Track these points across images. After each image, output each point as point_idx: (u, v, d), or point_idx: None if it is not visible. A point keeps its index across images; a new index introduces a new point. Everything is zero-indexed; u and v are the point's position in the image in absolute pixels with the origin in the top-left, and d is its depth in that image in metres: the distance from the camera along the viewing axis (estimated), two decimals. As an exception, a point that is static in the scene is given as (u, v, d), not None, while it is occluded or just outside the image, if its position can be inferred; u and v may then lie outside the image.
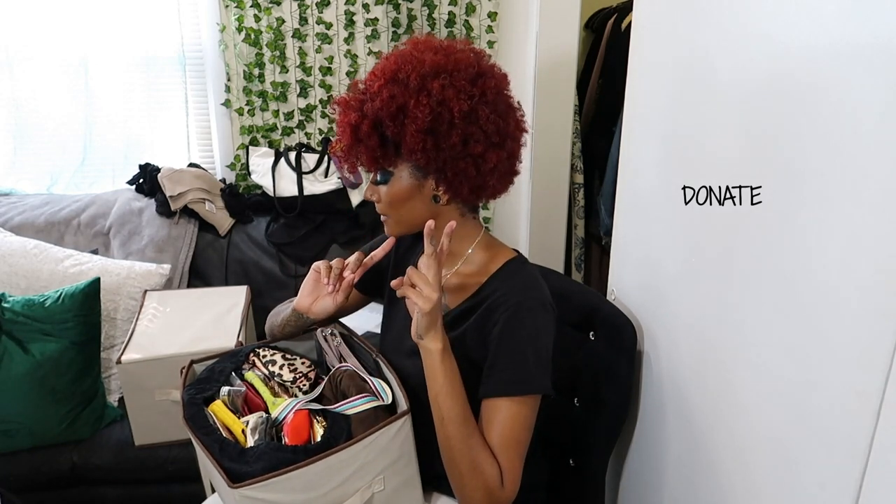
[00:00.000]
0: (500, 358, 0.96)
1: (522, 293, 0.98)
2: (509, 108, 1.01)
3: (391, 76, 0.95)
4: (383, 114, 0.94)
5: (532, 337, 0.96)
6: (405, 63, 0.95)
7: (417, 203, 1.02)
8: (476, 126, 0.95)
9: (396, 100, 0.93)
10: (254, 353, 1.12)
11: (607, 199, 2.09)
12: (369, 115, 0.96)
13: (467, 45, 1.01)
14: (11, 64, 2.16)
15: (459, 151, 0.95)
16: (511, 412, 0.95)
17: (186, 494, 1.66)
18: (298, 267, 2.13)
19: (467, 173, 0.97)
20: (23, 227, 2.04)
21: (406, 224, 1.05)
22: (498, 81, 0.99)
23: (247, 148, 2.33)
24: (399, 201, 1.02)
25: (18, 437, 1.61)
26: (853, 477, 0.66)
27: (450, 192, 1.00)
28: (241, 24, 2.24)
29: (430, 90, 0.93)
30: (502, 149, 0.99)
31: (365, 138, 0.98)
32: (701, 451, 0.98)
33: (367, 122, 0.96)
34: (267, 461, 0.87)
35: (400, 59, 0.96)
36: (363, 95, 0.98)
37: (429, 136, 0.93)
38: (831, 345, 0.69)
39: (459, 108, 0.93)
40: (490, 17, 2.38)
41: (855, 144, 0.64)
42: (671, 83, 1.04)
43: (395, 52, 1.00)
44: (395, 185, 1.01)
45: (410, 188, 1.00)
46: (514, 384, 0.95)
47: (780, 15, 0.76)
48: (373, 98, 0.96)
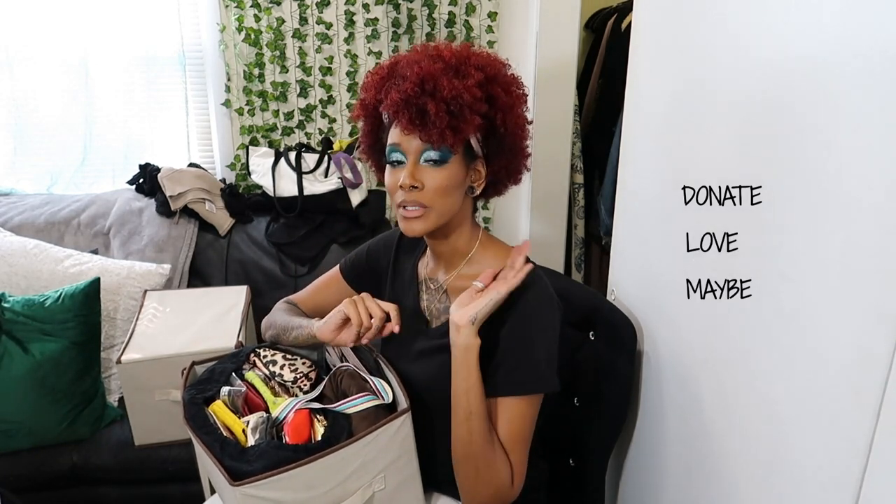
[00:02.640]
0: (510, 357, 0.96)
1: (530, 292, 0.98)
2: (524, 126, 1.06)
3: (485, 77, 0.95)
4: (470, 95, 0.92)
5: (540, 335, 0.97)
6: (485, 67, 0.97)
7: (458, 193, 1.00)
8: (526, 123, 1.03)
9: (485, 88, 0.95)
10: (254, 352, 1.12)
11: (607, 199, 2.09)
12: (449, 95, 0.92)
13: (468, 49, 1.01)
14: (11, 64, 2.16)
15: (516, 139, 1.02)
16: (520, 410, 0.96)
17: (186, 494, 1.66)
18: (298, 267, 2.13)
19: (514, 161, 1.04)
20: (23, 227, 2.04)
21: (445, 216, 1.00)
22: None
23: (247, 148, 2.33)
24: (450, 188, 0.97)
25: (18, 437, 1.61)
26: (853, 477, 0.66)
27: (493, 177, 1.04)
28: (241, 24, 2.24)
29: (521, 97, 1.01)
30: (528, 137, 1.07)
31: (435, 117, 0.92)
32: (701, 451, 0.98)
33: (442, 104, 0.92)
34: (268, 459, 0.88)
35: (461, 52, 0.97)
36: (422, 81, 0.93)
37: (504, 122, 0.97)
38: (831, 345, 0.69)
39: (521, 108, 1.01)
40: (490, 17, 2.38)
41: (855, 144, 0.65)
42: (671, 83, 1.04)
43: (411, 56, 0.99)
44: (451, 168, 0.97)
45: (460, 177, 0.98)
46: (526, 383, 0.96)
47: (780, 14, 0.76)
48: (457, 80, 0.93)
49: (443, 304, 1.08)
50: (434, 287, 1.10)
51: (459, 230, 1.05)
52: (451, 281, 1.07)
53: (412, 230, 0.99)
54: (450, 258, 1.07)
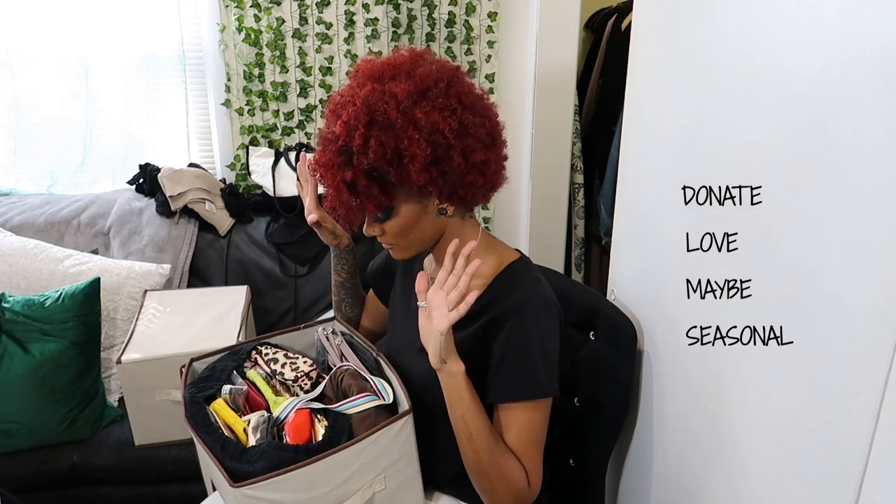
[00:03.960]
0: (508, 363, 0.97)
1: (526, 298, 0.98)
2: (481, 100, 0.98)
3: (368, 120, 0.90)
4: (380, 162, 0.90)
5: (538, 341, 0.97)
6: (376, 100, 0.90)
7: (425, 223, 1.00)
8: (469, 137, 0.93)
9: (388, 144, 0.89)
10: (255, 350, 1.12)
11: (607, 199, 2.09)
12: (364, 167, 0.91)
13: (412, 53, 0.97)
14: (11, 64, 2.15)
15: (464, 167, 0.93)
16: (526, 415, 0.96)
17: (186, 494, 1.66)
18: (298, 267, 2.13)
19: (476, 184, 0.96)
20: (23, 227, 2.04)
21: (417, 246, 1.03)
22: (462, 79, 0.96)
23: (247, 148, 2.33)
24: (407, 230, 0.99)
25: (18, 437, 1.61)
26: (853, 477, 0.66)
27: (461, 204, 0.98)
28: (241, 24, 2.24)
29: (417, 121, 0.89)
30: (496, 144, 0.98)
31: (365, 190, 0.93)
32: (701, 451, 0.98)
33: (363, 175, 0.92)
34: (268, 460, 0.88)
35: (369, 97, 0.91)
36: (344, 147, 0.92)
37: (433, 166, 0.91)
38: (831, 345, 0.69)
39: (450, 128, 0.90)
40: (490, 17, 2.38)
41: (856, 144, 0.65)
42: (671, 83, 1.04)
43: (352, 90, 0.94)
44: (400, 216, 0.98)
45: (416, 213, 0.98)
46: (524, 389, 0.96)
47: (779, 13, 0.76)
48: (361, 150, 0.90)
49: None
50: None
51: (452, 238, 1.03)
52: None
53: (398, 258, 1.06)
54: None
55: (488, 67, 2.44)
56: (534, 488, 0.97)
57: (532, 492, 0.97)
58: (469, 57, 2.42)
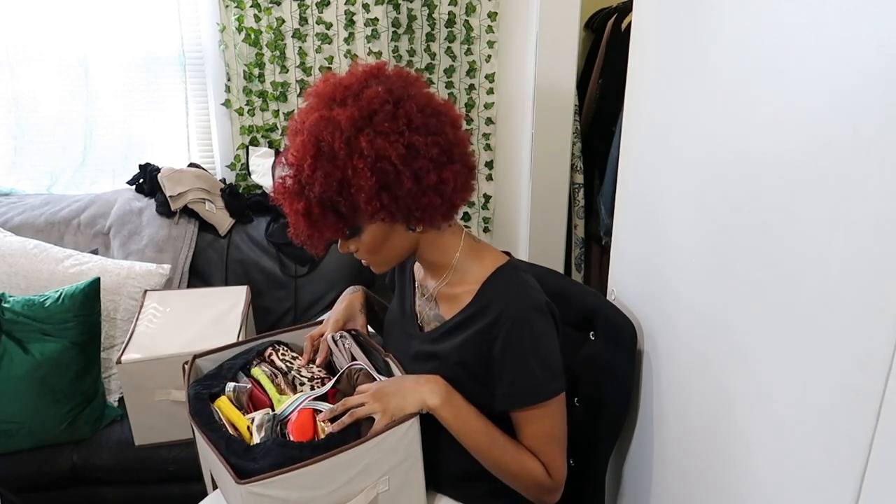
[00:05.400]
0: (508, 373, 0.98)
1: (516, 303, 0.98)
2: (438, 115, 0.94)
3: (315, 151, 0.89)
4: (328, 194, 0.90)
5: (532, 347, 0.97)
6: (321, 129, 0.89)
7: (396, 240, 0.99)
8: (420, 158, 0.90)
9: (334, 175, 0.89)
10: (273, 347, 1.13)
11: (607, 199, 2.10)
12: (314, 198, 0.91)
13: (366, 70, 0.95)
14: (11, 64, 2.15)
15: (417, 190, 0.91)
16: (535, 418, 0.99)
17: (186, 494, 1.66)
18: (298, 267, 2.13)
19: (434, 204, 0.93)
20: (23, 227, 2.04)
21: (394, 260, 1.03)
22: (413, 96, 0.92)
23: (247, 148, 2.33)
24: (378, 246, 0.99)
25: (18, 437, 1.61)
26: (853, 477, 0.66)
27: (424, 223, 0.97)
28: (241, 24, 2.24)
29: (361, 150, 0.88)
30: (454, 161, 0.95)
31: (320, 219, 0.93)
32: (701, 451, 0.98)
33: (316, 205, 0.92)
34: (274, 458, 0.88)
35: (315, 126, 0.90)
36: (297, 176, 0.92)
37: (382, 193, 0.90)
38: (831, 345, 0.69)
39: (398, 153, 0.88)
40: (490, 17, 2.38)
41: (856, 144, 0.65)
42: (671, 83, 1.04)
43: (302, 116, 0.93)
44: (368, 235, 0.97)
45: (383, 232, 0.97)
46: (527, 396, 0.98)
47: (778, 13, 0.76)
48: (309, 181, 0.90)
49: (433, 311, 1.09)
50: (425, 294, 1.10)
51: (432, 249, 1.03)
52: (439, 289, 1.07)
53: (377, 272, 1.06)
54: (434, 269, 1.07)
55: (488, 67, 2.44)
56: (556, 480, 1.01)
57: (556, 483, 1.01)
58: (469, 57, 2.42)
